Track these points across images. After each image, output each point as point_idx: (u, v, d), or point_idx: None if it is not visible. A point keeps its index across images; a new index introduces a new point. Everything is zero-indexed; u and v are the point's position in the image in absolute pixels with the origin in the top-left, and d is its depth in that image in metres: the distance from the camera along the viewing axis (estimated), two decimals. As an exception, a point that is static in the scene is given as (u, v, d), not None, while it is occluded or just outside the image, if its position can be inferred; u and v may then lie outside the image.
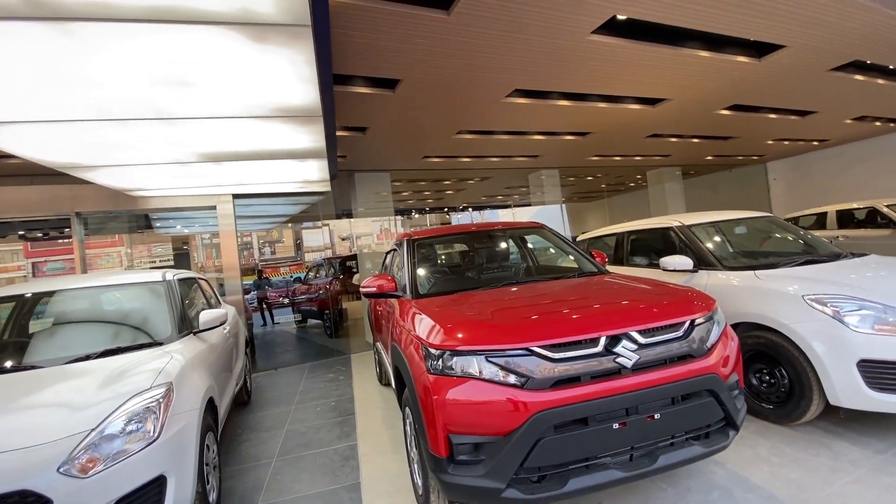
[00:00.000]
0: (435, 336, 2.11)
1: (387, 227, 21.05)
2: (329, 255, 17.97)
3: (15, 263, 16.48)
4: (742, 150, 9.96)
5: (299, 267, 20.89)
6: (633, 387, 1.96)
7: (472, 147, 6.73)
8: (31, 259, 14.71)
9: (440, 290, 2.99)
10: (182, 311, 3.18)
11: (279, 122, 3.52)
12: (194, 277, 4.13)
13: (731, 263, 3.65)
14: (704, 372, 2.10)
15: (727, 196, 12.79)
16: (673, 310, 2.19)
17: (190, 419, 2.32)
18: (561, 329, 2.00)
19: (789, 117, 7.07)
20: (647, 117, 6.09)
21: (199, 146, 3.91)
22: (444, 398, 1.95)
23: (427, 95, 4.34)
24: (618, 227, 5.10)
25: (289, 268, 20.42)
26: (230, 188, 6.07)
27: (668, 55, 4.08)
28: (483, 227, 3.76)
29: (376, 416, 4.04)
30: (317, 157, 4.70)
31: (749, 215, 4.35)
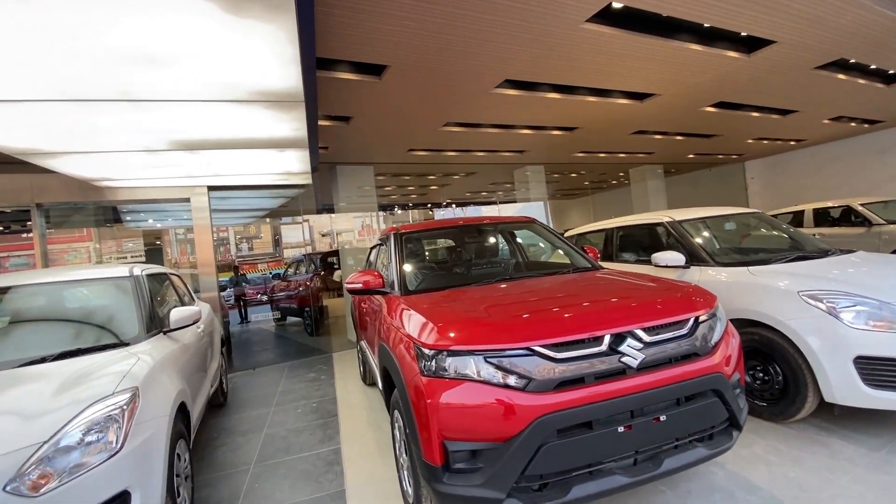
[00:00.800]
0: (428, 335, 1.97)
1: (369, 224, 20.72)
2: (309, 251, 17.65)
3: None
4: (723, 148, 10.10)
5: (278, 263, 20.42)
6: (639, 387, 1.86)
7: (458, 140, 6.59)
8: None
9: (430, 286, 2.85)
10: (151, 309, 2.95)
11: (258, 108, 3.31)
12: (165, 273, 3.88)
13: (724, 259, 3.61)
14: (710, 371, 2.02)
15: (707, 194, 13.00)
16: (677, 306, 2.10)
17: (158, 427, 2.12)
18: (563, 327, 1.88)
19: (771, 116, 7.16)
20: (634, 113, 6.06)
21: (170, 132, 3.65)
22: (439, 402, 1.81)
23: (415, 83, 4.17)
24: (606, 223, 5.04)
25: (267, 264, 19.94)
26: (205, 179, 5.77)
27: (659, 47, 4.02)
28: (473, 221, 3.62)
29: (361, 418, 3.87)
30: (297, 147, 4.48)
31: (738, 211, 4.33)
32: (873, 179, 10.57)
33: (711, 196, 12.87)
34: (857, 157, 10.78)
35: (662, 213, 4.33)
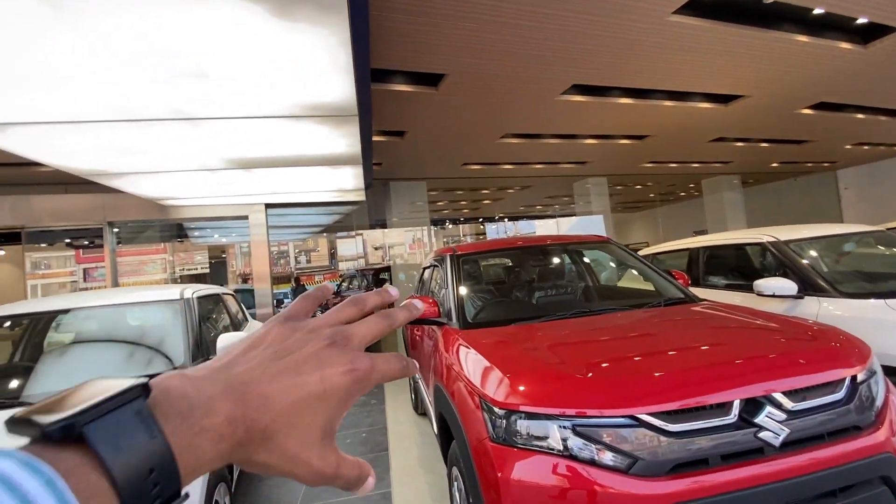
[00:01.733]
0: (499, 388, 1.61)
1: (419, 237, 20.83)
2: (362, 264, 18.03)
3: (67, 269, 17.22)
4: (813, 155, 8.99)
5: (333, 275, 20.95)
6: (783, 473, 1.39)
7: (516, 153, 6.23)
8: (82, 265, 15.29)
9: (493, 319, 2.49)
10: (198, 335, 2.81)
11: (311, 123, 3.16)
12: (218, 294, 3.80)
13: (849, 289, 2.97)
14: (877, 451, 1.51)
15: (792, 207, 11.68)
16: (826, 360, 1.61)
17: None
18: (679, 388, 1.46)
19: (879, 118, 6.19)
20: (715, 118, 5.42)
21: (225, 150, 3.60)
22: (512, 478, 1.44)
23: (474, 93, 3.89)
24: (690, 242, 4.45)
25: (323, 276, 20.52)
26: (262, 197, 5.81)
27: (755, 40, 3.47)
28: (539, 241, 3.23)
29: (412, 455, 3.55)
30: (352, 164, 4.33)
31: (859, 229, 3.63)
32: None
33: (798, 209, 11.54)
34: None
35: (762, 231, 3.72)
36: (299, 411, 0.31)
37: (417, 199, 7.53)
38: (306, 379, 0.31)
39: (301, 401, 0.31)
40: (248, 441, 0.28)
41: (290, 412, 0.30)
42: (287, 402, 0.30)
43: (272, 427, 0.29)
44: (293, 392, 0.31)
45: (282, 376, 0.31)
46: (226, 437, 0.27)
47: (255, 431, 0.28)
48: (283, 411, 0.30)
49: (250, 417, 0.28)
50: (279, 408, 0.30)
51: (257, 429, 0.29)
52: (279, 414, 0.30)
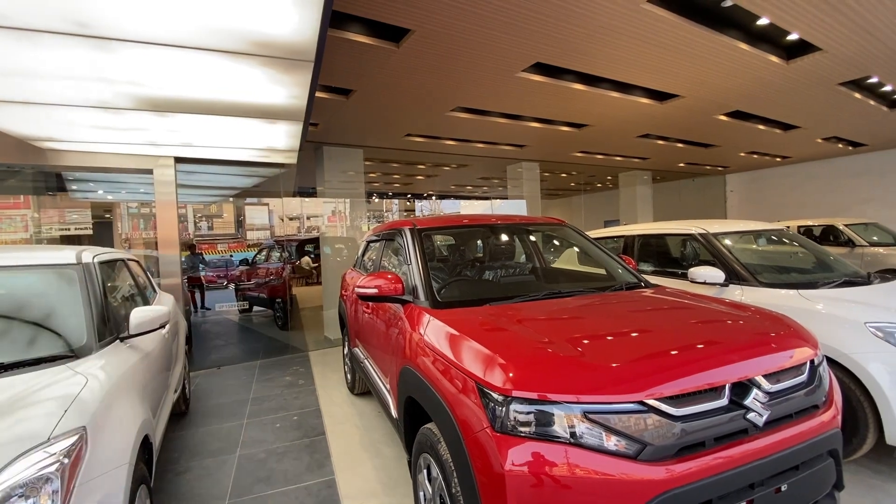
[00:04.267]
0: (496, 373, 1.49)
1: (340, 210, 19.93)
2: (280, 236, 16.90)
3: None
4: (713, 159, 10.09)
5: (239, 245, 19.33)
6: (764, 451, 1.47)
7: (461, 128, 6.08)
8: None
9: (465, 299, 2.36)
10: (105, 310, 2.31)
11: (255, 63, 2.69)
12: (122, 259, 3.18)
13: (766, 279, 3.32)
14: (829, 427, 1.66)
15: (690, 204, 13.11)
16: (793, 344, 1.72)
17: (114, 482, 1.54)
18: (681, 372, 1.45)
19: (774, 130, 7.08)
20: (650, 114, 5.75)
21: (136, 86, 2.96)
22: (517, 469, 1.34)
23: (436, 56, 3.63)
24: (625, 229, 4.71)
25: (228, 245, 18.83)
26: (172, 150, 4.99)
27: (706, 41, 3.67)
28: (502, 220, 3.14)
29: (353, 438, 3.35)
30: (292, 120, 3.85)
31: (768, 227, 4.09)
32: (844, 201, 10.91)
33: (693, 206, 12.99)
34: (833, 178, 11.09)
35: (692, 223, 4.01)
36: None
37: (351, 167, 7.06)
38: None
39: None
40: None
41: None
42: None
43: None
44: None
45: None
46: None
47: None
48: None
49: None
50: None
51: None
52: None
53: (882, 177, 10.42)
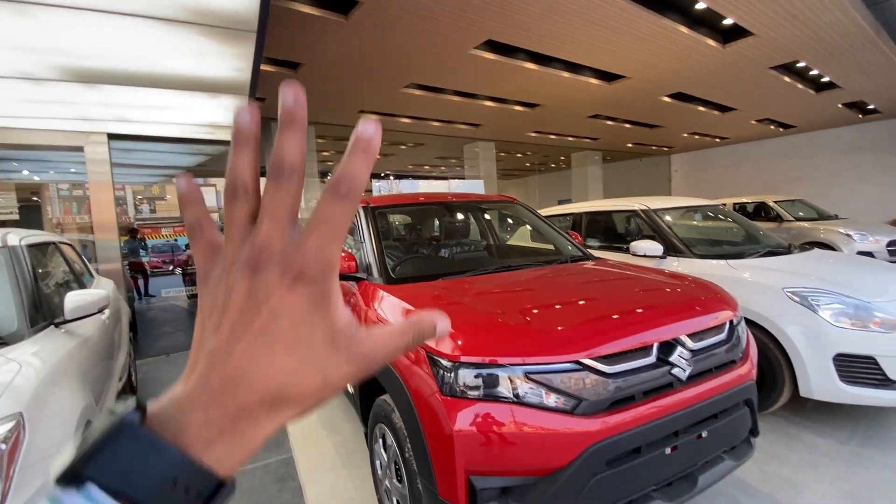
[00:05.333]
0: (446, 341, 1.56)
1: (294, 190, 19.39)
2: (219, 217, 16.21)
3: None
4: (659, 140, 10.56)
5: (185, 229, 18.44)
6: (687, 402, 1.63)
7: (416, 106, 6.01)
8: None
9: (418, 274, 2.41)
10: (36, 294, 2.18)
11: (194, 32, 2.55)
12: (54, 242, 2.98)
13: (700, 251, 3.58)
14: (745, 380, 1.86)
15: (637, 183, 13.70)
16: (715, 307, 1.90)
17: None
18: (614, 334, 1.58)
19: (713, 112, 7.49)
20: (599, 94, 5.93)
21: (63, 54, 2.74)
22: (465, 428, 1.43)
23: (387, 30, 3.56)
24: (574, 207, 4.89)
25: (173, 229, 17.88)
26: (106, 125, 4.65)
27: (650, 24, 3.82)
28: (455, 197, 3.19)
29: (311, 419, 3.36)
30: (236, 93, 3.69)
31: (705, 203, 4.37)
32: (777, 179, 11.77)
33: (641, 185, 13.58)
34: (766, 158, 11.91)
35: (633, 200, 4.22)
36: (278, 368, 0.25)
37: (304, 146, 6.85)
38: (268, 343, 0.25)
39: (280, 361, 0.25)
40: (249, 416, 0.25)
41: (267, 376, 0.25)
42: (261, 373, 0.25)
43: (258, 398, 0.25)
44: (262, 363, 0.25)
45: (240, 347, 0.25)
46: (217, 431, 0.24)
47: (244, 411, 0.25)
48: (261, 382, 0.25)
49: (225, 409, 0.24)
50: (255, 383, 0.25)
51: (244, 408, 0.25)
52: (260, 385, 0.25)
53: (809, 157, 11.31)
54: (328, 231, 0.25)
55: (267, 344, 0.25)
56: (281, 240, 0.25)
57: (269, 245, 0.25)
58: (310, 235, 0.25)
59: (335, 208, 0.25)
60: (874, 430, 2.76)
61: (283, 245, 0.25)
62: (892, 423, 2.82)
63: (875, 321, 2.65)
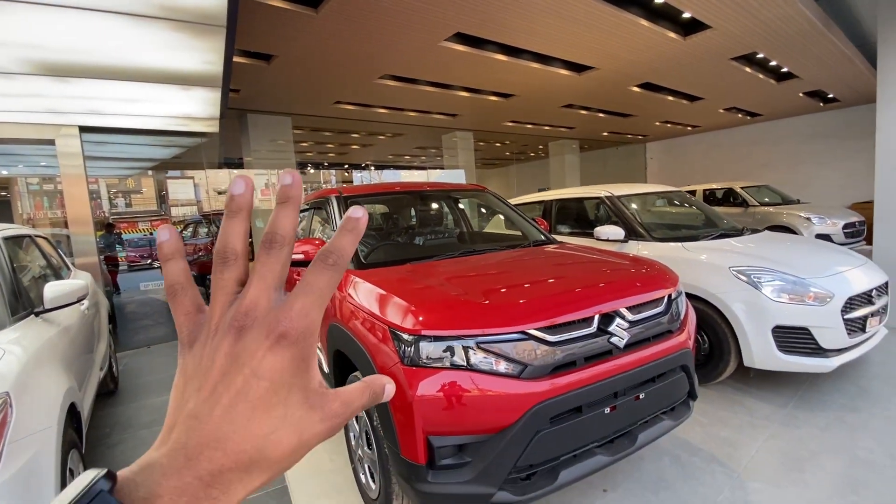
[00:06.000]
0: (407, 318, 1.71)
1: (273, 182, 19.12)
2: (198, 210, 15.99)
3: None
4: (633, 128, 10.81)
5: (163, 221, 18.03)
6: (625, 367, 1.82)
7: (391, 96, 6.09)
8: None
9: (387, 260, 2.54)
10: (14, 284, 2.25)
11: (163, 27, 2.61)
12: (29, 235, 3.03)
13: (659, 235, 3.80)
14: (681, 348, 2.06)
15: (614, 171, 13.99)
16: (654, 283, 2.09)
17: (44, 443, 1.61)
18: (557, 308, 1.75)
19: (681, 101, 7.73)
20: (570, 84, 6.09)
21: (33, 48, 2.76)
22: (424, 394, 1.59)
23: (359, 23, 3.64)
24: (544, 195, 5.06)
25: (151, 223, 17.54)
26: (76, 118, 4.63)
27: (612, 17, 3.97)
28: (425, 187, 3.33)
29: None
30: (208, 86, 3.73)
31: (667, 189, 4.60)
32: (746, 165, 12.19)
33: (618, 173, 13.88)
34: (736, 145, 12.30)
35: (599, 187, 4.42)
36: (256, 430, 0.25)
37: (280, 136, 6.86)
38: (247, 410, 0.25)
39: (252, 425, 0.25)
40: (222, 481, 0.24)
41: (244, 439, 0.25)
42: (238, 436, 0.25)
43: (233, 462, 0.25)
44: (239, 430, 0.25)
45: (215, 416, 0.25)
46: (188, 499, 0.24)
47: (218, 477, 0.24)
48: (238, 445, 0.25)
49: (197, 475, 0.24)
50: (232, 446, 0.25)
51: (218, 474, 0.24)
52: (237, 447, 0.25)
53: (775, 144, 11.72)
54: (314, 297, 0.27)
55: (247, 405, 0.25)
56: (267, 302, 0.26)
57: (256, 307, 0.26)
58: (296, 299, 0.27)
59: (322, 276, 0.27)
60: (810, 394, 3.03)
61: (268, 307, 0.26)
62: (826, 388, 3.09)
63: (810, 296, 2.89)
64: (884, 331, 3.26)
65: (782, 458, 2.35)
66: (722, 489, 2.15)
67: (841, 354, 2.89)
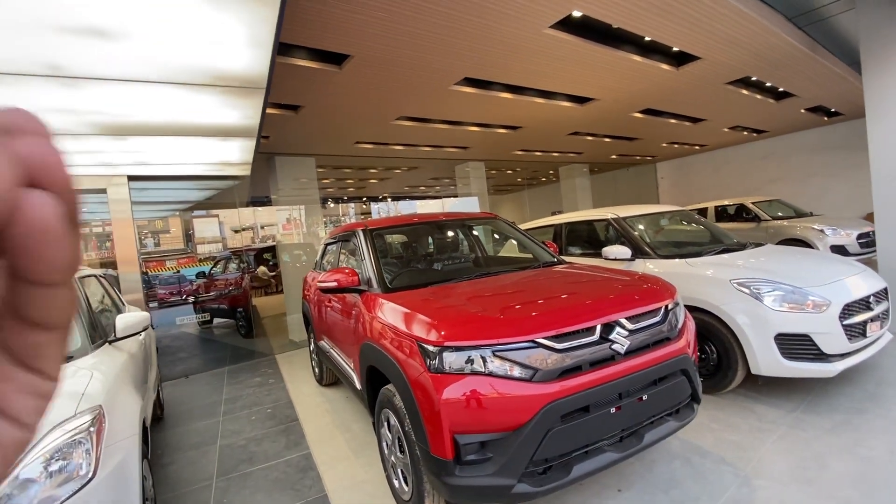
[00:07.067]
0: (432, 332, 1.98)
1: (295, 217, 19.74)
2: (223, 247, 16.53)
3: None
4: (641, 150, 11.09)
5: (190, 260, 18.71)
6: (626, 371, 2.04)
7: (407, 135, 6.54)
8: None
9: (411, 283, 2.83)
10: (92, 316, 2.61)
11: (212, 93, 3.04)
12: (94, 275, 3.43)
13: (663, 252, 4.01)
14: (679, 353, 2.26)
15: (625, 191, 14.20)
16: (651, 296, 2.32)
17: (129, 449, 1.90)
18: (562, 319, 2.00)
19: (684, 123, 8.01)
20: (573, 115, 6.45)
21: (100, 115, 3.23)
22: (449, 398, 1.84)
23: (376, 76, 4.08)
24: (554, 219, 5.34)
25: (177, 261, 18.21)
26: (125, 168, 5.15)
27: (606, 56, 4.33)
28: (441, 217, 3.65)
29: (325, 421, 3.75)
30: (245, 136, 4.18)
31: (669, 209, 4.83)
32: (757, 181, 12.28)
33: (629, 193, 14.09)
34: (745, 161, 12.44)
35: (606, 210, 4.68)
36: None
37: (304, 175, 7.35)
38: None
39: None
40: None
41: None
42: None
43: None
44: None
45: None
46: None
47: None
48: None
49: None
50: None
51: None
52: None
53: (785, 158, 11.83)
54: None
55: None
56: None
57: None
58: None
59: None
60: (818, 399, 3.15)
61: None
62: (834, 393, 3.20)
63: (808, 304, 3.06)
64: (888, 335, 3.38)
65: (788, 458, 2.49)
66: (729, 487, 2.31)
67: (844, 359, 3.02)
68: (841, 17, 4.44)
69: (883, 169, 3.99)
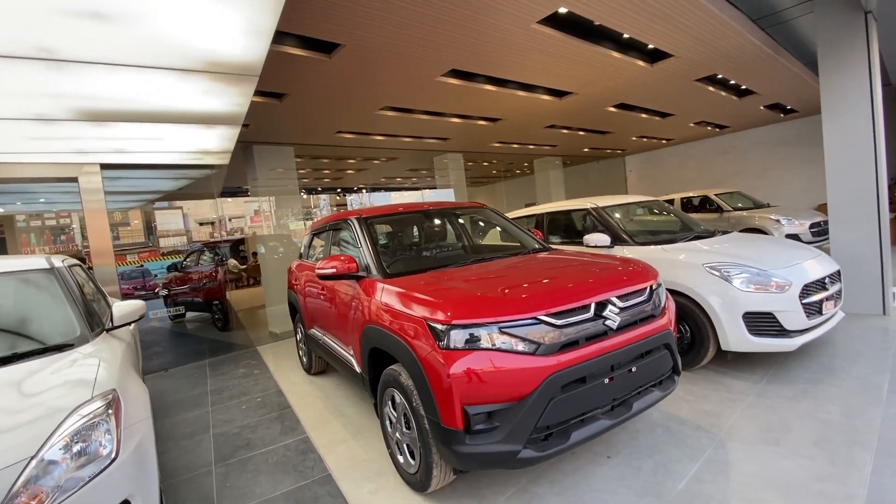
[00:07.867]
0: (439, 312, 2.09)
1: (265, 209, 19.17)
2: (188, 240, 15.91)
3: None
4: (612, 144, 11.47)
5: (153, 253, 18.04)
6: (618, 345, 2.21)
7: (389, 125, 6.56)
8: None
9: (408, 269, 2.92)
10: (87, 305, 2.58)
11: (204, 79, 3.01)
12: (80, 265, 3.34)
13: (640, 239, 4.25)
14: (663, 329, 2.46)
15: (596, 184, 14.65)
16: (638, 277, 2.50)
17: (145, 430, 1.93)
18: (561, 298, 2.15)
19: (654, 118, 8.36)
20: (552, 108, 6.64)
21: (83, 99, 3.13)
22: (459, 372, 1.96)
23: (365, 65, 4.10)
24: (536, 209, 5.52)
25: (138, 255, 17.51)
26: (98, 156, 4.97)
27: (587, 51, 4.50)
28: (433, 206, 3.74)
29: (318, 406, 3.80)
30: (230, 124, 4.12)
31: (645, 199, 5.09)
32: (718, 174, 12.93)
33: (599, 185, 14.54)
34: (708, 155, 13.06)
35: (585, 199, 4.89)
36: None
37: (282, 165, 7.24)
38: None
39: None
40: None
41: None
42: None
43: None
44: None
45: None
46: None
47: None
48: None
49: None
50: None
51: None
52: None
53: (744, 153, 12.50)
54: None
55: None
56: None
57: None
58: None
59: None
60: (780, 372, 3.45)
61: None
62: (793, 366, 3.52)
63: (772, 285, 3.34)
64: (840, 314, 3.73)
65: (756, 423, 2.75)
66: (706, 449, 2.54)
67: (803, 335, 3.33)
68: (801, 20, 4.78)
69: (837, 163, 4.35)
